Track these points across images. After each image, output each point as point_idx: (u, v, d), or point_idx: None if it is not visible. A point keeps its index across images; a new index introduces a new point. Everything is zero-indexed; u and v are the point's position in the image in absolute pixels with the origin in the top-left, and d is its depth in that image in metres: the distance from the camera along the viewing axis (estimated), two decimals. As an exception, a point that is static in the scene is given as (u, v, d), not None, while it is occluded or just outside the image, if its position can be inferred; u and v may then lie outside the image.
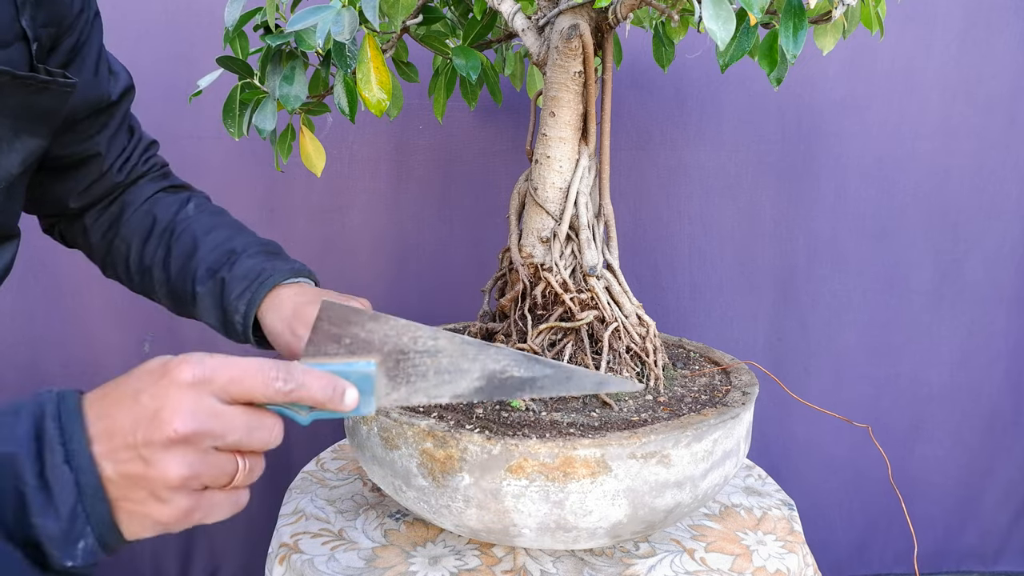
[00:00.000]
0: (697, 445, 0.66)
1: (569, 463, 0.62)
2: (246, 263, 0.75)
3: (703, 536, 0.79)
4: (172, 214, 0.80)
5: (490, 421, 0.68)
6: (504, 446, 0.62)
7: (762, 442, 1.23)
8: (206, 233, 0.78)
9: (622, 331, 0.79)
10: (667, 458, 0.65)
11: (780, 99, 1.20)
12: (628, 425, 0.67)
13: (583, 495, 0.63)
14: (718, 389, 0.78)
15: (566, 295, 0.77)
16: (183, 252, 0.77)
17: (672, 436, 0.64)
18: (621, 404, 0.73)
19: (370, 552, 0.75)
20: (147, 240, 0.79)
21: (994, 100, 1.22)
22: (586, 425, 0.68)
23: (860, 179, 1.25)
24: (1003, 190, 1.26)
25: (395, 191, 1.24)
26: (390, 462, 0.69)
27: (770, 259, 1.27)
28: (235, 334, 0.75)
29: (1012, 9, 1.19)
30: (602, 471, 0.63)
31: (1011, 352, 1.31)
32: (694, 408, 0.72)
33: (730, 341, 1.27)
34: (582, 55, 0.76)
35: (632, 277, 1.26)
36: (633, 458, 0.63)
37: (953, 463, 1.35)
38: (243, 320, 0.73)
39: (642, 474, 0.64)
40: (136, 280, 0.81)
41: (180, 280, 0.77)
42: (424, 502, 0.68)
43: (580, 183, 0.80)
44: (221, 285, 0.74)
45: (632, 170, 1.23)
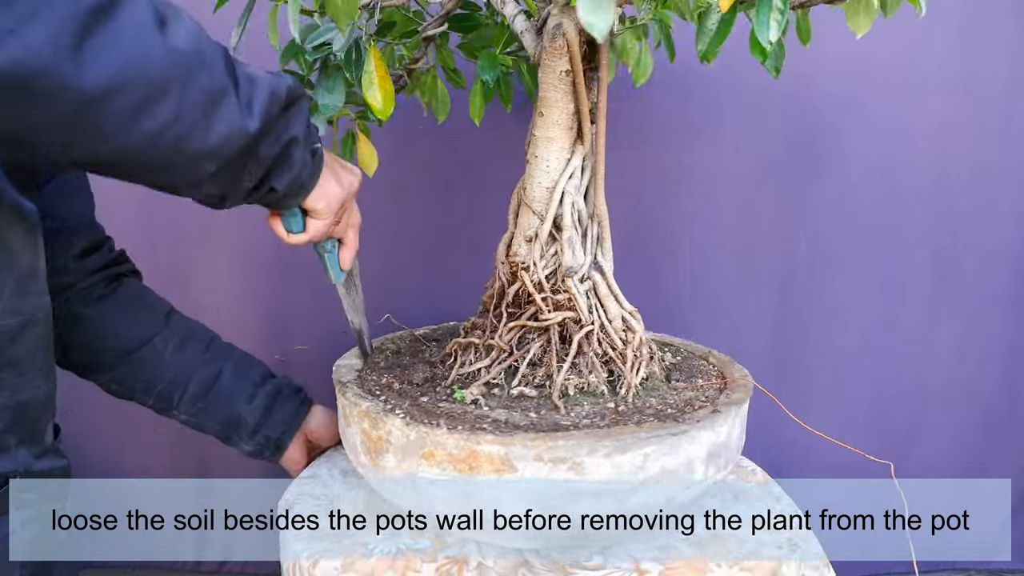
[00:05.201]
0: (620, 457, 0.63)
1: (474, 457, 0.64)
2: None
3: (667, 558, 0.74)
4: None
5: (422, 410, 0.70)
6: (418, 432, 0.65)
7: (763, 443, 1.23)
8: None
9: (596, 336, 0.77)
10: (580, 466, 0.63)
11: (782, 98, 1.20)
12: (552, 427, 0.66)
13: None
14: (697, 404, 0.73)
15: (538, 295, 0.77)
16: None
17: (586, 444, 0.62)
18: (575, 408, 0.72)
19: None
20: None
21: (992, 100, 1.22)
22: (515, 424, 0.68)
23: (861, 178, 1.24)
24: (1000, 190, 1.25)
25: (399, 190, 1.25)
26: (348, 438, 0.75)
27: (771, 259, 1.27)
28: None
29: (1009, 10, 1.17)
30: (507, 469, 0.63)
31: (1007, 351, 1.31)
32: (650, 420, 0.68)
33: (731, 341, 1.25)
34: (568, 54, 0.76)
35: (632, 277, 1.23)
36: (540, 461, 0.63)
37: (950, 461, 1.35)
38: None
39: (550, 479, 0.63)
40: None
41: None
42: (370, 477, 0.73)
43: (568, 182, 0.80)
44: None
45: (632, 169, 1.22)
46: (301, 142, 0.60)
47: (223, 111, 0.51)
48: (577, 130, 0.80)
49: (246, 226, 1.21)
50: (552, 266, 0.79)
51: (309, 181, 0.66)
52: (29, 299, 0.64)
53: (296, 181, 0.63)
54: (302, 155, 0.62)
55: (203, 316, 0.94)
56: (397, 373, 0.81)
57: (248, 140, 0.54)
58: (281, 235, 0.71)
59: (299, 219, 0.70)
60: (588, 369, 0.75)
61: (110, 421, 1.02)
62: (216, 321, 0.98)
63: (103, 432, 1.25)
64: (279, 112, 0.56)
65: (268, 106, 0.55)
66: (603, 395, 0.75)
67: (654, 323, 1.09)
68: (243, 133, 0.53)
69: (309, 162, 0.63)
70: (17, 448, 0.65)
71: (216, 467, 1.29)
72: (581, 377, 0.75)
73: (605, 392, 0.75)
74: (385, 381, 0.79)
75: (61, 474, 0.70)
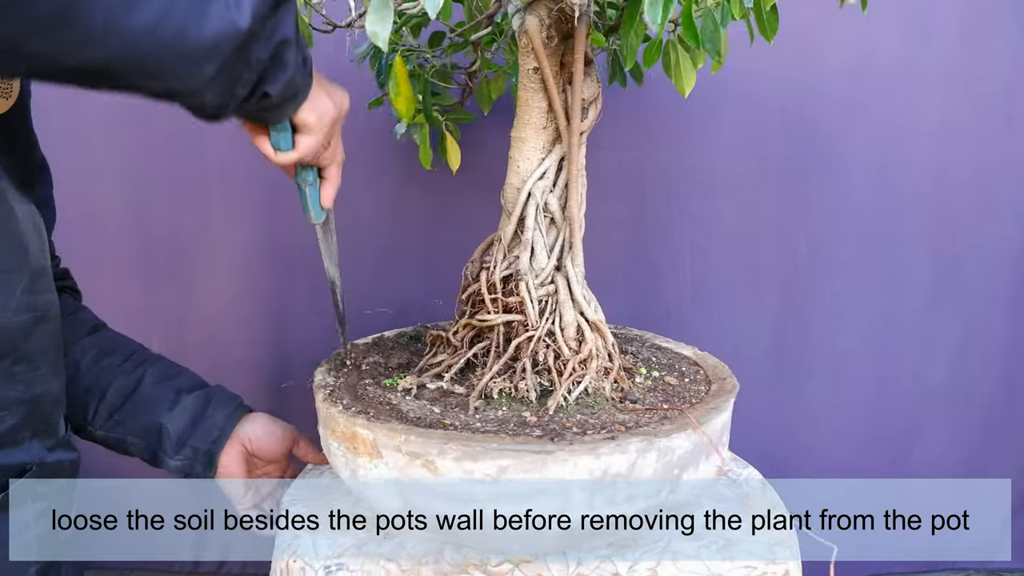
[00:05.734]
0: (471, 464, 0.62)
1: (354, 438, 0.68)
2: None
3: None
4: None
5: (351, 391, 0.76)
6: (327, 409, 0.72)
7: (764, 444, 1.27)
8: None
9: (541, 342, 0.74)
10: (432, 464, 0.63)
11: (781, 99, 1.20)
12: (429, 425, 0.67)
13: (366, 472, 0.68)
14: (617, 429, 0.67)
15: (488, 296, 0.77)
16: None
17: (436, 444, 0.63)
18: (490, 411, 0.71)
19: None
20: None
21: (992, 100, 1.22)
22: (411, 416, 0.70)
23: (862, 178, 1.24)
24: (1000, 190, 1.26)
25: (400, 190, 1.23)
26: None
27: (772, 259, 1.27)
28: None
29: (1009, 9, 1.19)
30: (376, 455, 0.67)
31: (1007, 351, 1.33)
32: (553, 435, 0.65)
33: (731, 342, 1.27)
34: (532, 51, 0.74)
35: (632, 277, 1.24)
36: (399, 452, 0.65)
37: (950, 461, 1.35)
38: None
39: (408, 472, 0.65)
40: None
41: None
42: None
43: (537, 183, 0.78)
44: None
45: (633, 169, 1.22)
46: (293, 44, 0.57)
47: (215, 5, 0.48)
48: (555, 130, 0.78)
49: (245, 226, 1.23)
50: (514, 268, 0.79)
51: (303, 87, 0.62)
52: (41, 296, 0.65)
53: (290, 85, 0.59)
54: (295, 58, 0.58)
55: (202, 317, 1.05)
56: (385, 355, 0.88)
57: (241, 38, 0.50)
58: (268, 153, 0.67)
59: (288, 136, 0.67)
60: (522, 375, 0.74)
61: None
62: (216, 322, 1.09)
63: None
64: (269, 10, 0.52)
65: (258, 3, 0.51)
66: (530, 403, 0.72)
67: (654, 323, 1.08)
68: (235, 29, 0.49)
69: (301, 67, 0.60)
70: (31, 441, 0.66)
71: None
72: (512, 381, 0.74)
73: (533, 400, 0.73)
74: (372, 359, 0.87)
75: (71, 466, 0.71)
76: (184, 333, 1.24)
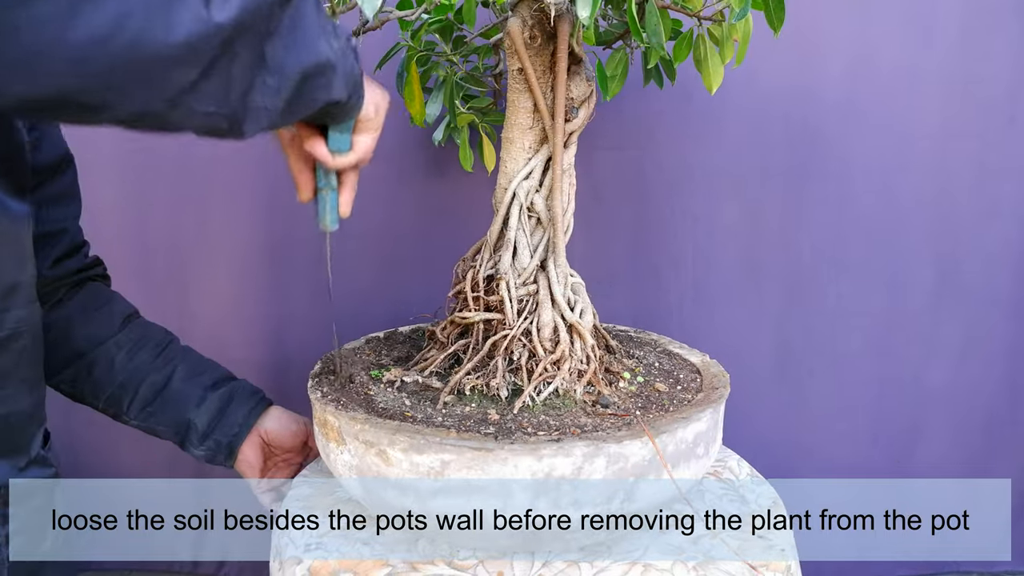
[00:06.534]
0: (418, 456, 0.64)
1: (324, 423, 0.72)
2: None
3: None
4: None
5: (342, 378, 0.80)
6: (311, 396, 0.76)
7: (765, 444, 1.26)
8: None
9: (516, 341, 0.75)
10: (384, 454, 0.66)
11: (784, 101, 1.19)
12: (398, 417, 0.70)
13: (335, 458, 0.72)
14: (591, 430, 0.66)
15: (470, 294, 0.78)
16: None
17: (386, 435, 0.65)
18: (459, 407, 0.73)
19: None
20: None
21: (993, 101, 1.21)
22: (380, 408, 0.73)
23: (863, 180, 1.23)
24: (1002, 192, 1.24)
25: (400, 190, 1.21)
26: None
27: (774, 261, 1.25)
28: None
29: (1010, 10, 1.17)
30: (341, 442, 0.70)
31: (1008, 352, 1.31)
32: (499, 434, 0.66)
33: (733, 343, 1.25)
34: (515, 52, 0.75)
35: (634, 278, 1.23)
36: (357, 440, 0.68)
37: (951, 461, 1.34)
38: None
39: (366, 460, 0.67)
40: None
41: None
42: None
43: (522, 183, 0.78)
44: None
45: (634, 169, 1.20)
46: (341, 36, 0.51)
47: (185, 2, 0.41)
48: (542, 130, 0.78)
49: (243, 227, 1.22)
50: (498, 267, 0.79)
51: (361, 80, 0.56)
52: (11, 313, 0.61)
53: (352, 80, 0.54)
54: (348, 47, 0.53)
55: (202, 319, 1.07)
56: (391, 349, 0.92)
57: (225, 34, 0.43)
58: (325, 159, 0.62)
59: (349, 136, 0.61)
60: (493, 373, 0.74)
61: (109, 420, 0.88)
62: (215, 323, 1.12)
63: (102, 431, 1.18)
64: (268, 6, 0.45)
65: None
66: (500, 401, 0.73)
67: (656, 324, 1.07)
68: (211, 26, 0.42)
69: (354, 55, 0.54)
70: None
71: (216, 467, 1.18)
72: (486, 379, 0.75)
73: (503, 399, 0.73)
74: (378, 353, 0.91)
75: (47, 485, 0.68)
76: (184, 333, 1.19)
